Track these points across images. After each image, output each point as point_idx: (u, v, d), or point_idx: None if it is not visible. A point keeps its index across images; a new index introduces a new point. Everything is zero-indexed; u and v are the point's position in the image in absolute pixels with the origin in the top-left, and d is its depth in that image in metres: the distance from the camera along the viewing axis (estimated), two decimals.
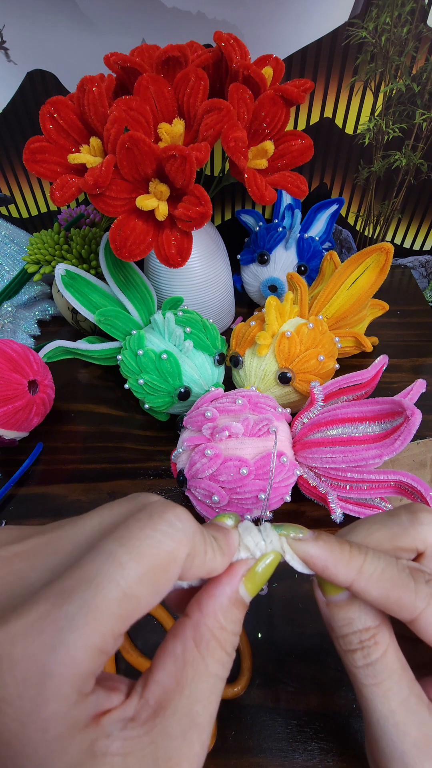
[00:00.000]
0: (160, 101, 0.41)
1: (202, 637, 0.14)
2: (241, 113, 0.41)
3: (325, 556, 0.15)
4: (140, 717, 0.12)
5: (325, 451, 0.36)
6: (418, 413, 0.32)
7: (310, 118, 0.58)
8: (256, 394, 0.39)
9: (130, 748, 0.11)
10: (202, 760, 0.13)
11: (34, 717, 0.10)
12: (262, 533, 0.15)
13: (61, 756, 0.10)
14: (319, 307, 0.47)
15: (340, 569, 0.15)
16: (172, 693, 0.12)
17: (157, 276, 0.52)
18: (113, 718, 0.12)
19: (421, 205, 0.63)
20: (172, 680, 0.13)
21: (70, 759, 0.11)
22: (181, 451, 0.37)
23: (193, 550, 0.13)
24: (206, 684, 0.13)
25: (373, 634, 0.16)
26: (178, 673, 0.13)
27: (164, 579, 0.13)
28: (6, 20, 0.52)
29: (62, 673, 0.10)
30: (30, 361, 0.44)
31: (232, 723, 0.31)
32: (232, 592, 0.14)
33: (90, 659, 0.11)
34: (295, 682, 0.33)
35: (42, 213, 0.69)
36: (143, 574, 0.12)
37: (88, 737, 0.11)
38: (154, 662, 0.13)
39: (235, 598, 0.14)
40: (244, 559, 0.15)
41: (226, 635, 0.14)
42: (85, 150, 0.40)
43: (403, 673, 0.16)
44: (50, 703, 0.10)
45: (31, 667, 0.10)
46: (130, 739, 0.11)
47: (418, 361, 0.54)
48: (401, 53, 0.51)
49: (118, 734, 0.11)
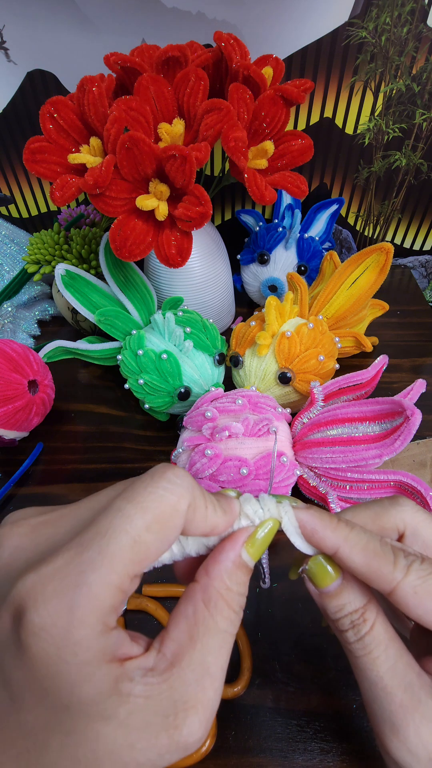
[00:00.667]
0: (160, 101, 0.41)
1: (210, 598, 0.15)
2: (241, 113, 0.41)
3: (314, 522, 0.17)
4: (159, 668, 0.14)
5: (325, 451, 0.36)
6: (418, 413, 0.32)
7: (310, 118, 0.58)
8: (256, 394, 0.39)
9: (151, 692, 0.13)
10: (216, 705, 0.14)
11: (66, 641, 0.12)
12: (261, 502, 0.17)
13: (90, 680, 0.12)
14: (319, 307, 0.47)
15: (327, 534, 0.17)
16: (186, 647, 0.14)
17: (157, 276, 0.52)
18: (135, 665, 0.14)
19: (421, 205, 0.63)
20: (185, 636, 0.14)
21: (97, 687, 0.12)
22: (181, 451, 0.37)
23: (193, 504, 0.15)
24: (216, 639, 0.15)
25: (362, 613, 0.18)
26: (191, 630, 0.15)
27: (169, 528, 0.14)
28: (6, 20, 0.52)
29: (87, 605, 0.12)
30: (30, 361, 0.44)
31: (232, 723, 0.31)
32: (236, 556, 0.16)
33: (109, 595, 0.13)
34: (295, 682, 0.33)
35: (42, 213, 0.69)
36: (149, 524, 0.13)
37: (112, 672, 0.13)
38: (169, 623, 0.15)
39: (238, 561, 0.16)
40: (245, 526, 0.16)
41: (232, 595, 0.15)
42: (85, 150, 0.40)
43: (390, 643, 0.17)
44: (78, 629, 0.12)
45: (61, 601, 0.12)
46: (150, 684, 0.13)
47: (418, 361, 0.54)
48: (401, 53, 0.51)
49: (140, 680, 0.13)
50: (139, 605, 0.35)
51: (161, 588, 0.36)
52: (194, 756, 0.30)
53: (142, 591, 0.36)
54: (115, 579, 0.13)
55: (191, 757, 0.30)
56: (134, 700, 0.13)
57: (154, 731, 0.13)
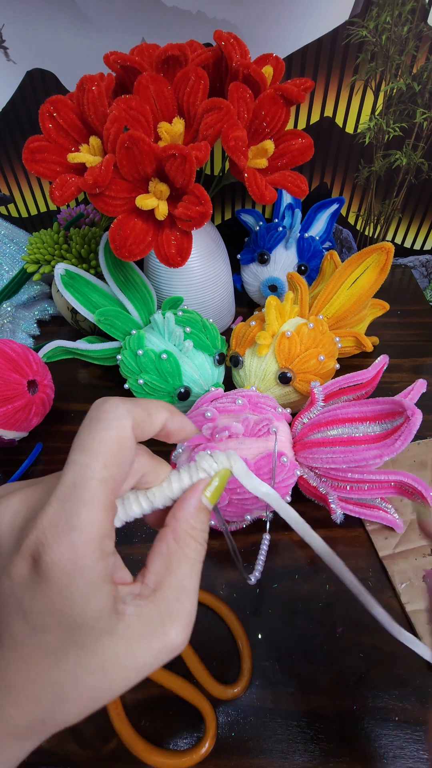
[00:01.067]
0: (159, 100, 0.41)
1: (179, 536, 0.18)
2: (241, 112, 0.40)
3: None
4: (144, 594, 0.17)
5: (326, 451, 0.36)
6: (418, 413, 0.32)
7: (311, 118, 0.57)
8: (256, 394, 0.39)
9: (141, 611, 0.17)
10: (193, 614, 0.18)
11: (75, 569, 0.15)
12: (214, 457, 0.20)
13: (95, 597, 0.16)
14: (319, 307, 0.47)
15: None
16: (165, 576, 0.18)
17: (157, 276, 0.51)
18: (126, 591, 0.17)
19: (422, 204, 0.63)
20: (163, 568, 0.18)
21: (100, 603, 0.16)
22: (181, 451, 0.37)
23: (135, 422, 0.18)
24: (187, 565, 0.18)
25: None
26: (166, 563, 0.18)
27: (123, 455, 0.17)
28: (5, 19, 0.52)
29: (82, 541, 0.15)
30: (29, 361, 0.44)
31: (232, 724, 0.31)
32: (197, 501, 0.19)
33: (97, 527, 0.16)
34: (295, 683, 0.33)
35: (41, 212, 0.69)
36: (105, 463, 0.16)
37: (111, 593, 0.16)
38: (148, 560, 0.18)
39: (200, 506, 0.19)
40: (203, 478, 0.20)
41: (197, 532, 0.19)
42: (84, 149, 0.40)
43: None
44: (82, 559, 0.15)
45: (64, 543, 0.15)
46: (139, 605, 0.17)
47: (418, 361, 0.54)
48: (402, 52, 0.51)
49: (131, 602, 0.17)
50: None
51: None
52: (194, 757, 0.30)
53: None
54: (97, 515, 0.16)
55: (192, 758, 0.30)
56: (129, 618, 0.16)
57: (148, 639, 0.16)
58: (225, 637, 0.35)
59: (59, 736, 0.31)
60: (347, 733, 0.31)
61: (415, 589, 0.36)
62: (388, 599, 0.36)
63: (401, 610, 0.35)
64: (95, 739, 0.31)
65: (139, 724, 0.31)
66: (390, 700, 0.32)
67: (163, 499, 0.20)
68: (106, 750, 0.30)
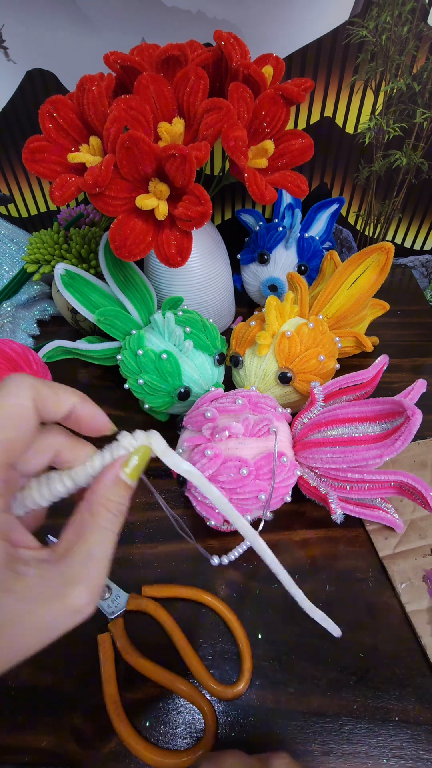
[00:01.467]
0: (159, 100, 0.41)
1: (92, 506, 0.19)
2: (241, 112, 0.40)
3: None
4: (51, 560, 0.18)
5: (326, 451, 0.36)
6: (418, 413, 0.32)
7: (311, 118, 0.57)
8: (256, 394, 0.39)
9: (44, 573, 0.17)
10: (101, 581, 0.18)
11: None
12: (134, 435, 0.21)
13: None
14: (319, 307, 0.47)
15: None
16: (74, 543, 0.18)
17: (157, 276, 0.51)
18: (31, 555, 0.18)
19: (422, 204, 0.63)
20: (73, 536, 0.19)
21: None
22: (181, 451, 0.37)
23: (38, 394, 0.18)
24: (98, 534, 0.19)
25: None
26: (77, 531, 0.19)
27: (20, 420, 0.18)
28: (5, 19, 0.52)
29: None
30: (29, 360, 0.44)
31: (232, 724, 0.31)
32: (114, 476, 0.20)
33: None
34: (295, 683, 0.33)
35: (41, 212, 0.69)
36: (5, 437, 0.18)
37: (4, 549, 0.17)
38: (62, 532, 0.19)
39: (116, 479, 0.20)
40: (122, 455, 0.20)
41: (111, 504, 0.19)
42: (84, 149, 0.40)
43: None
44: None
45: None
46: (44, 569, 0.17)
47: (418, 361, 0.54)
48: (402, 52, 0.51)
49: (36, 565, 0.17)
50: (139, 606, 0.35)
51: (161, 589, 0.36)
52: (194, 757, 0.30)
53: (142, 592, 0.36)
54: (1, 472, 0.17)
55: (192, 757, 0.30)
56: (29, 579, 0.17)
57: (47, 600, 0.17)
58: (225, 637, 0.35)
59: (59, 736, 0.31)
60: (347, 733, 0.31)
61: (415, 589, 0.36)
62: (388, 599, 0.36)
63: (401, 610, 0.35)
64: (95, 739, 0.31)
65: (139, 724, 0.31)
66: (390, 700, 0.32)
67: (86, 477, 0.20)
68: (106, 750, 0.30)
